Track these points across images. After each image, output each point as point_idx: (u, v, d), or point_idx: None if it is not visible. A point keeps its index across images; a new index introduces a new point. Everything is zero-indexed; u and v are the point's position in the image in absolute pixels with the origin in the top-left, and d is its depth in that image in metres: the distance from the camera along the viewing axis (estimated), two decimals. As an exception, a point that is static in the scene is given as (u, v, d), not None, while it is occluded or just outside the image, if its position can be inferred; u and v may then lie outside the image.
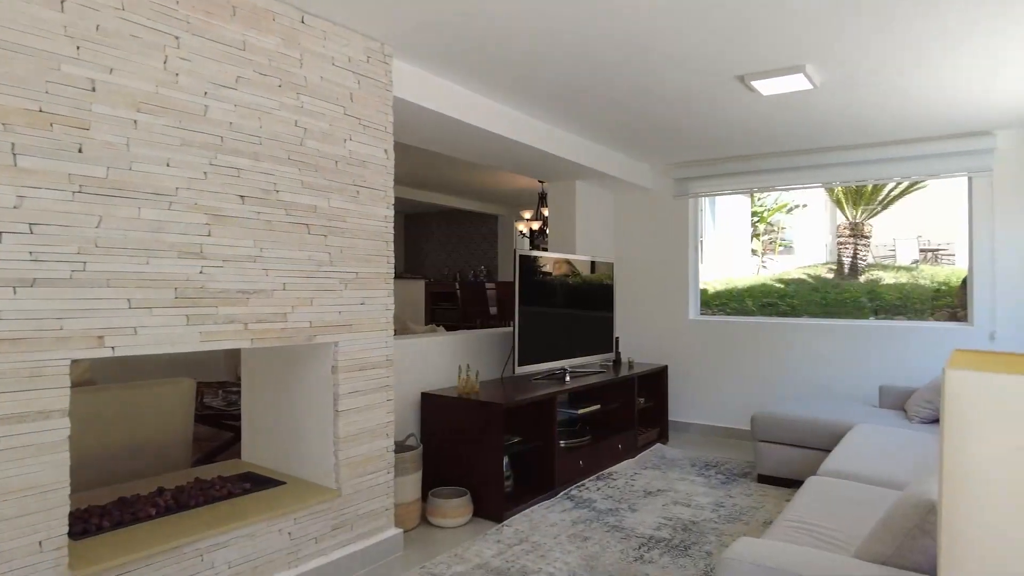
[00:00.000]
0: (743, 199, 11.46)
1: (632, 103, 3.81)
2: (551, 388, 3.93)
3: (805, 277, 9.76)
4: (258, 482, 2.79)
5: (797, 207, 12.22)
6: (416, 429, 3.72)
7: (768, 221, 12.56)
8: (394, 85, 3.08)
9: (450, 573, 2.75)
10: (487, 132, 3.77)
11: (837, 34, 2.80)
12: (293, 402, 2.92)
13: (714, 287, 9.18)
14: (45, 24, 1.86)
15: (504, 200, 9.00)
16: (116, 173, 2.02)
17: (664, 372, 5.30)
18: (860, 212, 9.92)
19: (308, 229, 2.62)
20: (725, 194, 5.60)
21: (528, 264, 4.26)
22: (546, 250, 6.67)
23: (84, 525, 2.18)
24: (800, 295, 8.62)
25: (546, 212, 7.33)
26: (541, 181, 6.55)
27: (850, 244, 9.88)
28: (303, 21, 2.59)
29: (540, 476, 3.84)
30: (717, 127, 4.35)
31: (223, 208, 2.32)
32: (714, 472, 4.30)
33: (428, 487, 3.56)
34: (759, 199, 11.95)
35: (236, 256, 2.36)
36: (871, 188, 9.60)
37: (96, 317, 1.97)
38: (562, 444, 4.04)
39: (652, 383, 5.28)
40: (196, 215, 2.23)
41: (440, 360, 3.97)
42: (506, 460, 3.60)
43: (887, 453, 3.08)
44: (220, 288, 2.31)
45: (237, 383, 4.28)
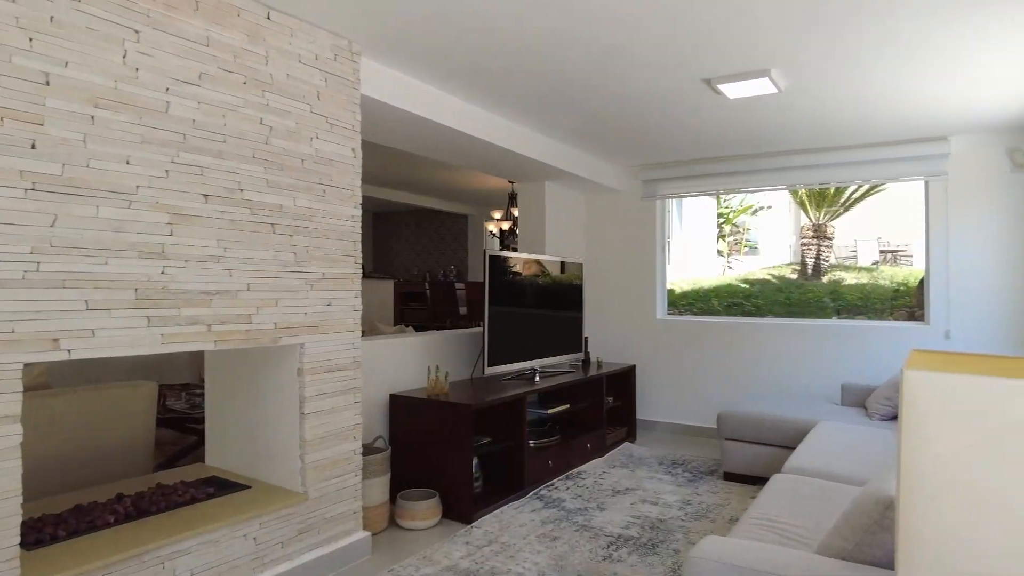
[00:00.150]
0: (709, 201, 11.62)
1: (601, 105, 3.83)
2: (521, 388, 3.94)
3: (769, 278, 9.94)
4: (222, 486, 2.74)
5: (762, 209, 12.46)
6: (384, 431, 3.69)
7: (734, 222, 12.77)
8: (362, 83, 3.05)
9: (418, 575, 2.73)
10: (457, 132, 3.76)
11: (800, 40, 2.86)
12: (258, 405, 2.87)
13: (681, 287, 9.30)
14: (-4, 15, 1.80)
15: (474, 200, 8.98)
16: (72, 170, 1.96)
17: (632, 371, 5.35)
18: (823, 214, 10.15)
19: (273, 229, 2.58)
20: (692, 196, 5.68)
21: (498, 264, 4.26)
22: (516, 250, 6.67)
23: (37, 535, 2.11)
24: (765, 295, 8.78)
25: (516, 212, 7.34)
26: (511, 181, 6.55)
27: (813, 245, 10.10)
28: (269, 17, 2.55)
29: (510, 476, 3.84)
30: (684, 129, 4.40)
31: (186, 207, 2.26)
32: (681, 470, 4.35)
33: (397, 489, 3.54)
34: (725, 201, 12.14)
35: (199, 256, 2.31)
36: (833, 191, 9.82)
37: (51, 319, 1.91)
38: (532, 444, 4.05)
39: (620, 382, 5.32)
40: (157, 214, 2.18)
41: (409, 361, 3.95)
42: (475, 461, 3.59)
43: (848, 450, 3.15)
44: (182, 289, 2.25)
45: (201, 385, 4.19)
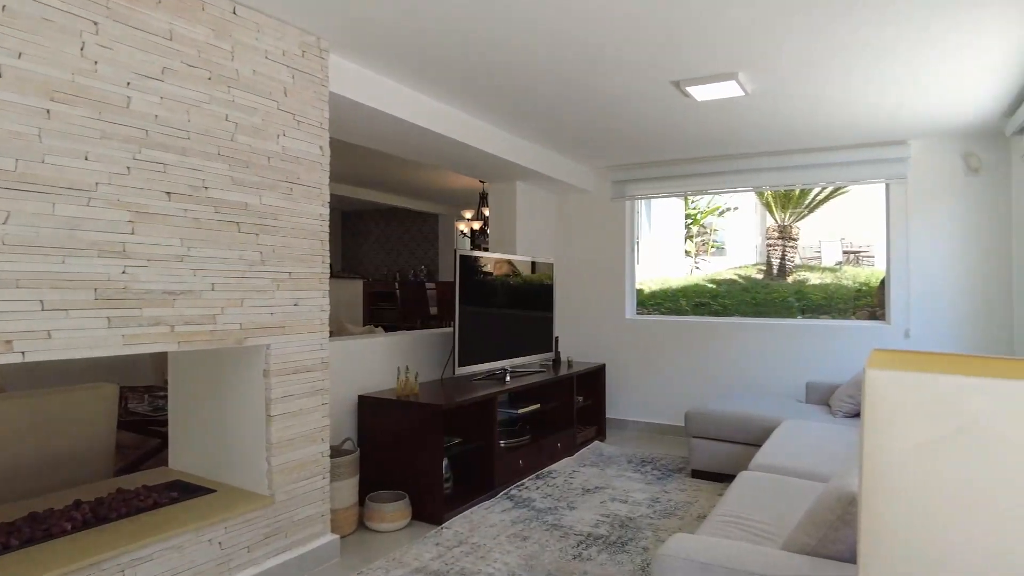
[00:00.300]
0: (677, 202, 11.76)
1: (571, 106, 3.85)
2: (491, 388, 3.93)
3: (736, 278, 10.10)
4: (186, 490, 2.68)
5: (729, 210, 12.65)
6: (353, 433, 3.65)
7: (701, 223, 12.94)
8: (331, 81, 3.01)
9: (388, 578, 2.71)
10: (427, 130, 3.73)
11: (767, 45, 2.91)
12: (224, 407, 2.82)
13: (650, 287, 9.39)
14: (-54, 4, 1.73)
15: (445, 199, 8.95)
16: (26, 166, 1.89)
17: (602, 371, 5.39)
18: (788, 215, 10.34)
19: (239, 227, 2.53)
20: (661, 197, 5.74)
21: (469, 264, 4.24)
22: (487, 250, 6.67)
23: (-9, 542, 2.04)
24: (731, 295, 8.92)
25: (487, 212, 7.34)
26: (482, 181, 6.55)
27: (779, 246, 10.29)
28: (235, 12, 2.50)
29: (480, 477, 3.83)
30: (654, 131, 4.44)
31: (148, 205, 2.21)
32: (650, 468, 4.39)
33: (366, 491, 3.50)
34: (692, 202, 12.29)
35: (162, 255, 2.25)
36: (798, 192, 10.02)
37: (3, 320, 1.84)
38: (502, 444, 4.05)
39: (590, 382, 5.35)
40: (118, 212, 2.12)
41: (378, 362, 3.91)
42: (445, 462, 3.57)
43: (813, 447, 3.21)
44: (144, 289, 2.20)
45: (165, 387, 4.09)
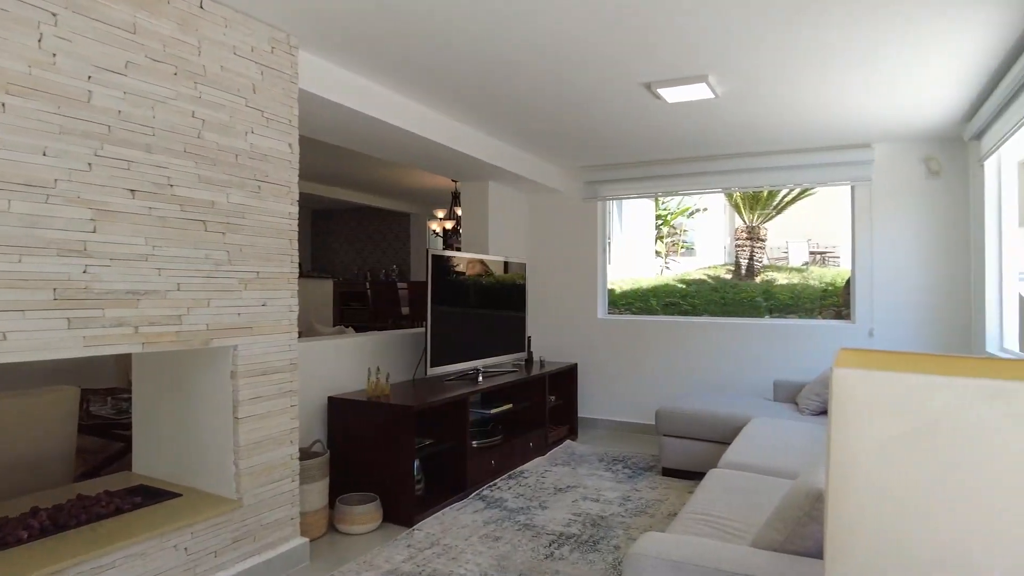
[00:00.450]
0: (648, 203, 11.86)
1: (543, 106, 3.85)
2: (464, 389, 3.92)
3: (705, 278, 10.22)
4: (151, 495, 2.61)
5: (698, 211, 12.80)
6: (323, 435, 3.61)
7: (671, 224, 13.08)
8: (300, 78, 2.97)
9: (359, 581, 2.68)
10: (398, 129, 3.70)
11: (736, 49, 2.95)
12: (190, 409, 2.76)
13: (621, 287, 9.46)
14: None
15: (417, 198, 8.89)
16: (-18, 162, 1.83)
17: (574, 370, 5.41)
18: (756, 216, 10.51)
19: (205, 226, 2.48)
20: (632, 197, 5.78)
21: (441, 264, 4.22)
22: (459, 250, 6.65)
23: (-57, 552, 1.96)
24: (701, 295, 9.02)
25: (459, 211, 7.32)
26: (454, 180, 6.53)
27: (747, 246, 10.44)
28: (201, 6, 2.45)
29: (452, 478, 3.81)
30: (625, 132, 4.47)
31: (110, 202, 2.15)
32: (621, 467, 4.42)
33: (336, 494, 3.46)
34: (663, 203, 12.42)
35: (125, 254, 2.19)
36: (766, 194, 10.19)
37: (-42, 321, 1.77)
38: (474, 444, 4.04)
39: (562, 381, 5.37)
40: (79, 209, 2.06)
41: (348, 363, 3.87)
42: (417, 463, 3.55)
43: (781, 445, 3.27)
44: (107, 289, 2.14)
45: (128, 389, 4.00)
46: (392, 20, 2.68)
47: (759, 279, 10.06)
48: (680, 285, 9.51)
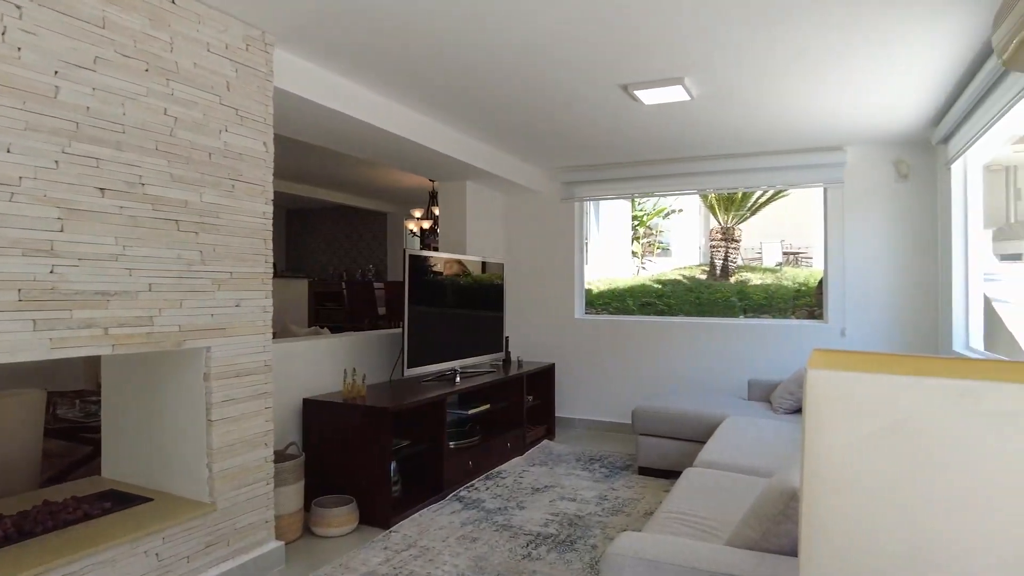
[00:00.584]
0: (624, 203, 11.94)
1: (521, 107, 3.86)
2: (441, 390, 3.90)
3: (681, 278, 10.31)
4: (121, 500, 2.56)
5: (674, 212, 12.92)
6: (298, 437, 3.57)
7: (647, 224, 13.18)
8: (276, 75, 2.93)
9: (335, 584, 2.65)
10: (375, 128, 3.68)
11: (712, 52, 2.98)
12: (161, 411, 2.71)
13: (598, 287, 9.50)
14: None
15: (394, 198, 8.84)
16: (-56, 159, 1.78)
17: (551, 370, 5.42)
18: (731, 217, 10.63)
19: (178, 225, 2.44)
20: (609, 198, 5.82)
21: (418, 264, 4.20)
22: (437, 250, 6.62)
23: (-98, 561, 1.90)
24: (676, 295, 9.10)
25: (437, 211, 7.29)
26: (432, 180, 6.50)
27: (722, 247, 10.56)
28: (174, 2, 2.40)
29: (429, 479, 3.80)
30: (602, 133, 4.49)
31: (79, 201, 2.10)
32: (598, 466, 4.44)
33: (312, 496, 3.42)
34: (639, 204, 12.51)
35: (95, 254, 2.15)
36: (741, 195, 10.31)
37: (-82, 323, 1.72)
38: (452, 445, 4.02)
39: (540, 381, 5.38)
40: (45, 208, 2.01)
41: (324, 364, 3.83)
42: (394, 465, 3.53)
43: (755, 443, 3.31)
44: (75, 289, 2.09)
45: (97, 392, 3.91)
46: (369, 19, 2.66)
47: (733, 279, 10.18)
48: (656, 285, 9.58)
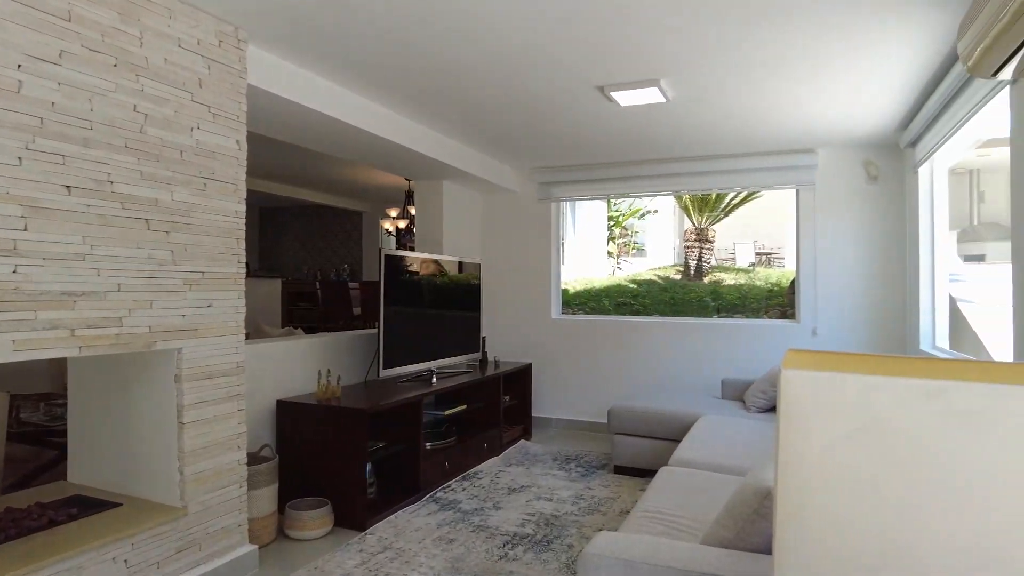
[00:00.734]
0: (600, 204, 12.00)
1: (497, 107, 3.85)
2: (417, 391, 3.88)
3: (655, 278, 10.40)
4: (88, 506, 2.50)
5: (649, 213, 13.02)
6: (271, 439, 3.52)
7: (623, 225, 13.26)
8: (249, 72, 2.89)
9: (310, 588, 2.62)
10: (350, 127, 3.64)
11: (687, 54, 3.00)
12: (131, 414, 2.65)
13: (574, 287, 9.54)
14: None
15: (369, 197, 8.77)
16: (-99, 154, 1.71)
17: (528, 370, 5.42)
18: (705, 218, 10.75)
19: (148, 224, 2.39)
20: (585, 199, 5.84)
21: (394, 264, 4.17)
22: (413, 249, 6.58)
23: None
24: (651, 295, 9.18)
25: (413, 211, 7.24)
26: (408, 179, 6.46)
27: (696, 248, 10.67)
28: (142, -5, 2.35)
29: (406, 480, 3.77)
30: (578, 134, 4.51)
31: (43, 199, 2.04)
32: (574, 465, 4.46)
33: (286, 499, 3.38)
34: (615, 204, 12.58)
35: (60, 253, 2.09)
36: (715, 196, 10.43)
37: None
38: (428, 446, 4.00)
39: (516, 381, 5.38)
40: (8, 206, 1.95)
41: (298, 365, 3.79)
42: (369, 466, 3.50)
43: (729, 442, 3.35)
44: (40, 289, 2.03)
45: (63, 394, 3.81)
46: (344, 17, 2.64)
47: (707, 279, 10.29)
48: (631, 285, 9.65)
